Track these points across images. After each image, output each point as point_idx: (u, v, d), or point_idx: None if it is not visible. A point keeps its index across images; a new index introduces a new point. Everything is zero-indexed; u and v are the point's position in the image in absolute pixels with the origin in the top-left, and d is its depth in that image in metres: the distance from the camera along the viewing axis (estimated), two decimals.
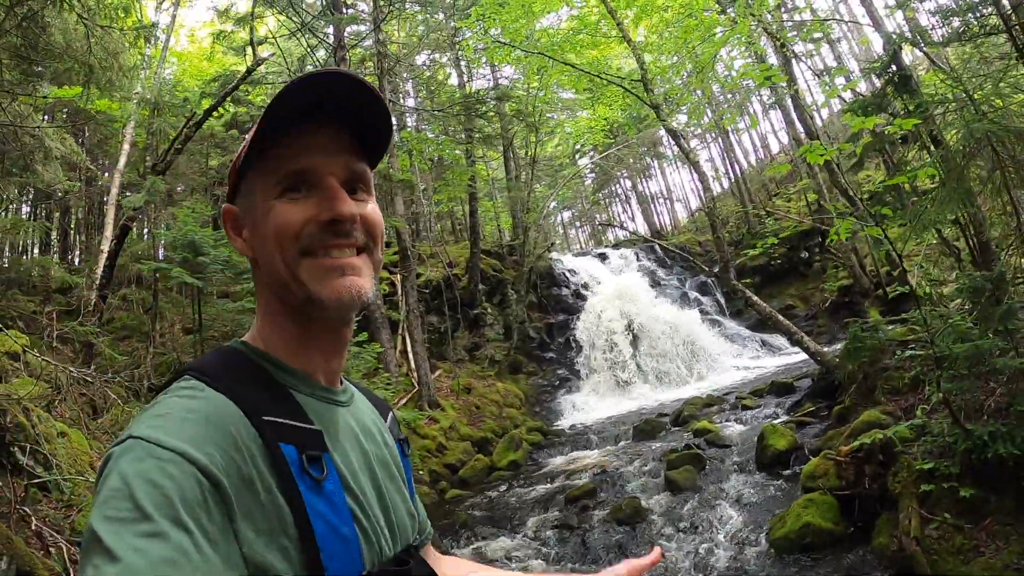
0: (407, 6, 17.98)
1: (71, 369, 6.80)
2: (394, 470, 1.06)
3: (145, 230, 18.54)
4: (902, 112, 5.78)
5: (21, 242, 15.57)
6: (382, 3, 15.28)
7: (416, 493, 1.18)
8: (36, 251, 17.73)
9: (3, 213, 14.19)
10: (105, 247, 11.19)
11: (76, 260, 17.44)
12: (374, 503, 0.94)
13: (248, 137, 0.93)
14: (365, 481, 0.95)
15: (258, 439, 0.79)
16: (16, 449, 5.95)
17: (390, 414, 1.18)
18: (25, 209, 17.48)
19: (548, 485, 9.53)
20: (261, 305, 0.98)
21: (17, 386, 6.81)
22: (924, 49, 6.63)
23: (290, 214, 0.90)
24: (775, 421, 9.07)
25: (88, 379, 7.14)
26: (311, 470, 0.81)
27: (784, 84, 11.40)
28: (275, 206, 0.91)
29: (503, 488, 10.11)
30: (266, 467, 0.78)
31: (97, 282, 10.17)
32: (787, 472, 7.23)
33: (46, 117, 14.20)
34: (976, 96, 4.81)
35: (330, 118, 0.94)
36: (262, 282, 0.97)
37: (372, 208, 0.98)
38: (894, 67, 6.09)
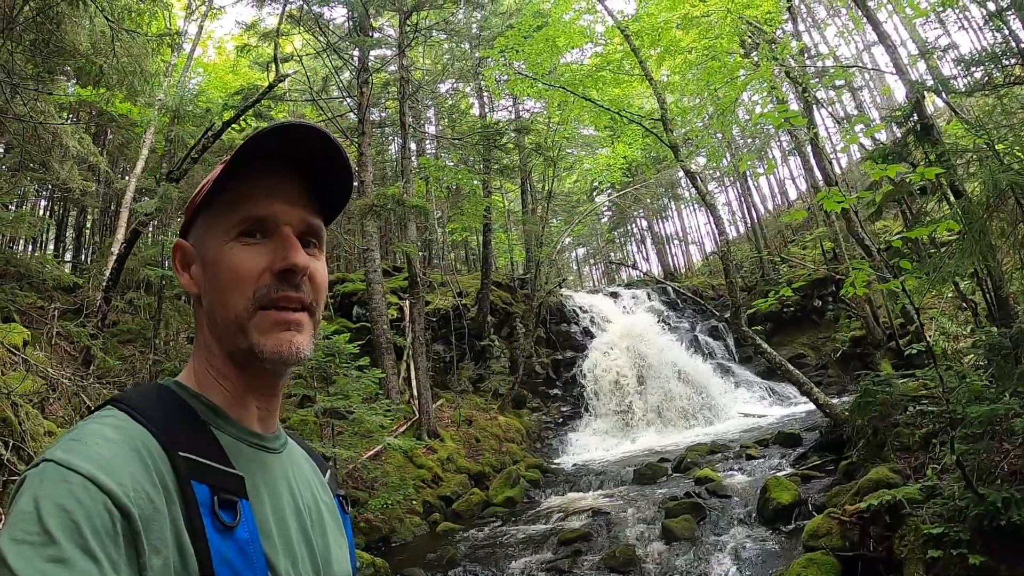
0: (433, 33, 18.16)
1: (50, 370, 6.69)
2: (329, 525, 1.03)
3: (160, 236, 18.66)
4: (922, 162, 5.64)
5: (28, 236, 15.58)
6: (408, 29, 15.40)
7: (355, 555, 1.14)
8: (51, 247, 17.88)
9: (20, 207, 14.26)
10: (115, 249, 11.19)
11: (89, 259, 17.52)
12: (302, 558, 0.91)
13: (211, 177, 0.94)
14: (294, 534, 0.91)
15: (172, 474, 0.77)
16: None
17: (328, 471, 1.16)
18: (43, 204, 17.66)
19: (542, 525, 9.29)
20: (199, 344, 0.96)
21: (11, 380, 6.73)
22: (946, 99, 6.51)
23: (246, 260, 0.90)
24: (779, 473, 8.81)
25: (78, 380, 7.04)
26: (222, 514, 0.78)
27: (804, 129, 11.32)
28: (231, 248, 0.91)
29: (496, 525, 9.87)
30: (178, 504, 0.75)
31: (104, 283, 10.15)
32: (789, 527, 6.98)
33: (71, 117, 14.34)
34: (999, 147, 4.67)
35: (293, 170, 0.94)
36: (203, 320, 0.95)
37: (321, 267, 0.98)
38: (916, 116, 5.96)
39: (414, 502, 10.66)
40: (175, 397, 0.90)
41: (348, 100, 18.20)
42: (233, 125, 10.72)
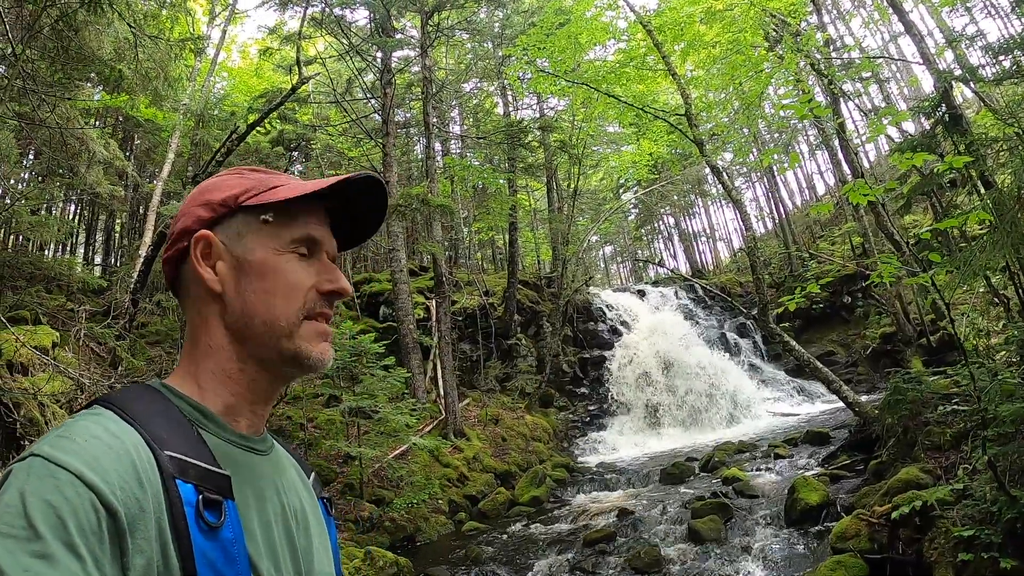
0: (455, 33, 18.17)
1: (71, 371, 6.79)
2: (314, 528, 1.03)
3: None
4: (952, 152, 5.48)
5: (56, 240, 15.83)
6: (430, 29, 15.41)
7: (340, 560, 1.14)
8: (80, 250, 18.22)
9: (49, 211, 14.54)
10: (143, 252, 11.36)
11: (117, 262, 17.83)
12: (285, 560, 0.90)
13: (276, 183, 0.98)
14: (278, 536, 0.91)
15: (157, 473, 0.76)
16: (26, 443, 5.96)
17: (312, 473, 1.16)
18: (72, 209, 17.99)
19: (568, 525, 9.25)
20: (204, 345, 0.95)
21: (39, 381, 6.85)
22: (974, 88, 6.33)
23: (300, 272, 0.95)
24: (808, 473, 8.67)
25: (105, 381, 7.13)
26: (207, 514, 0.78)
27: (831, 122, 11.13)
28: (288, 259, 0.95)
29: (522, 524, 9.84)
30: (163, 503, 0.75)
31: (132, 286, 10.29)
32: (817, 529, 6.85)
33: (98, 123, 14.58)
34: None
35: (335, 206, 1.03)
36: (217, 322, 0.95)
37: None
38: (944, 106, 5.80)
39: (440, 501, 10.68)
40: (161, 398, 0.89)
41: (372, 101, 18.28)
42: (258, 128, 10.82)
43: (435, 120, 16.93)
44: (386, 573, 7.38)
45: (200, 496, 0.78)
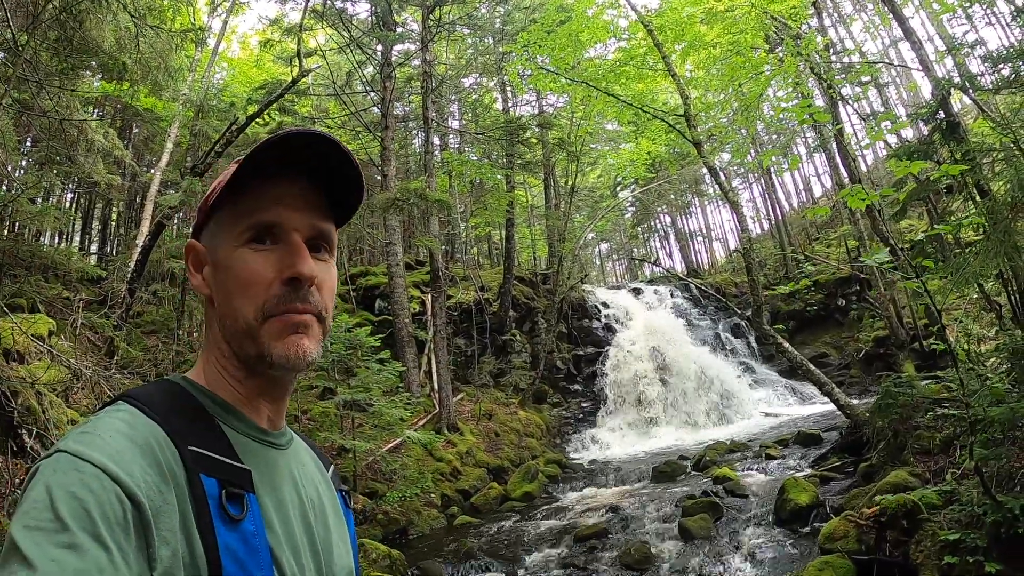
0: (456, 28, 18.16)
1: (73, 360, 6.79)
2: (332, 521, 1.04)
3: (184, 229, 18.90)
4: (948, 160, 5.53)
5: (54, 229, 15.79)
6: (431, 23, 15.41)
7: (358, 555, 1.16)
8: (77, 239, 18.17)
9: (46, 200, 14.50)
10: (140, 242, 11.36)
11: (114, 251, 17.80)
12: (304, 552, 0.92)
13: (221, 179, 0.94)
14: (297, 528, 0.93)
15: (181, 467, 0.78)
16: (24, 432, 5.97)
17: (332, 467, 1.17)
18: (69, 197, 17.92)
19: (559, 521, 9.30)
20: (210, 343, 0.97)
21: (36, 369, 6.86)
22: (973, 96, 6.38)
23: (256, 266, 0.91)
24: (798, 474, 8.73)
25: (102, 370, 7.14)
26: (229, 507, 0.80)
27: (829, 125, 11.18)
28: (241, 254, 0.92)
29: (514, 519, 9.89)
30: (187, 496, 0.77)
31: (128, 275, 10.30)
32: (806, 529, 6.91)
33: (97, 112, 14.53)
34: None
35: (302, 175, 0.95)
36: (214, 321, 0.96)
37: (330, 273, 0.99)
38: (942, 113, 5.85)
39: (432, 495, 10.72)
40: (184, 393, 0.91)
41: (371, 95, 18.29)
42: (257, 119, 10.81)
43: (434, 115, 16.92)
44: (379, 566, 7.42)
45: (223, 490, 0.80)
